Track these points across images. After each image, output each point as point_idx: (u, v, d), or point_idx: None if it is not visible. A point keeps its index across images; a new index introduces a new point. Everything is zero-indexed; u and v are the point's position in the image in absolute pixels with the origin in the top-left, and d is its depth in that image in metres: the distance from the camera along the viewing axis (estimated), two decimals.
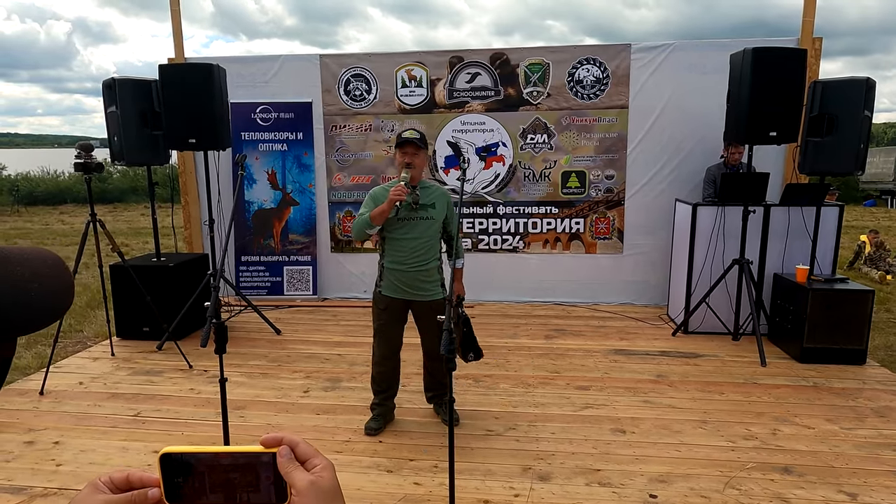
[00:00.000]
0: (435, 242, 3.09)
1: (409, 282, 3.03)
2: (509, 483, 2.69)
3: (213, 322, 2.12)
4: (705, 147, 5.28)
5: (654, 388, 3.72)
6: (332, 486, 0.53)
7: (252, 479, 0.53)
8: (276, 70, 5.72)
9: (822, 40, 5.03)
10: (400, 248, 3.01)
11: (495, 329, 4.99)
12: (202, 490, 0.52)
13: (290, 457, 0.53)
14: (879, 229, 10.02)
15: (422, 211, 3.01)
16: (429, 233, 3.03)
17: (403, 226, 3.00)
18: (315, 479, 0.52)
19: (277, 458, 0.53)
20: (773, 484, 2.66)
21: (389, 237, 3.03)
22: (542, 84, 5.50)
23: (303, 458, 0.54)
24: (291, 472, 0.52)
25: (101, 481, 0.53)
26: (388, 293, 3.07)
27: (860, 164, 4.08)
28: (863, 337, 4.07)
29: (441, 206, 3.07)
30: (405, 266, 3.01)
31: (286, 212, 5.91)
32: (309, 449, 0.55)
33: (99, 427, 3.28)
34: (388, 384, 3.22)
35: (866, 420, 3.27)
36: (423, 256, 3.02)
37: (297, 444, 0.54)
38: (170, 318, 4.52)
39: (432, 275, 3.08)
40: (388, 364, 3.18)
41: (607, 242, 5.66)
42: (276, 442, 0.54)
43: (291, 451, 0.54)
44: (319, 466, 0.54)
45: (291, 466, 0.53)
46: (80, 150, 3.92)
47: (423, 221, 3.02)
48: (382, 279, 3.09)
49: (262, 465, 0.53)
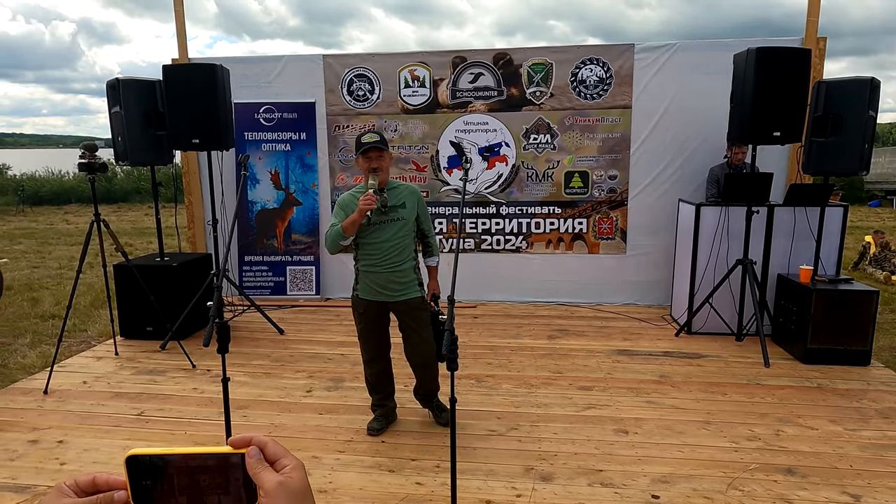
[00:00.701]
0: (409, 242, 3.05)
1: (384, 283, 3.00)
2: (511, 483, 2.69)
3: (215, 322, 2.12)
4: (709, 147, 5.27)
5: (657, 389, 3.72)
6: (301, 487, 0.52)
7: (221, 480, 0.52)
8: (279, 70, 5.73)
9: (826, 40, 5.02)
10: (373, 250, 2.99)
11: (498, 329, 4.98)
12: (171, 492, 0.51)
13: (258, 457, 0.52)
14: (884, 230, 9.97)
15: (392, 212, 2.97)
16: (401, 233, 3.00)
17: (375, 230, 2.97)
18: (284, 479, 0.51)
19: (246, 458, 0.52)
20: (776, 485, 2.65)
21: (362, 241, 3.01)
22: (545, 84, 5.49)
23: (272, 458, 0.53)
24: (260, 473, 0.51)
25: (67, 485, 0.52)
26: (364, 296, 3.06)
27: (865, 165, 4.06)
28: (867, 338, 4.05)
29: (411, 204, 3.03)
30: (379, 268, 2.99)
31: (289, 212, 5.92)
32: (278, 449, 0.54)
33: (102, 426, 3.29)
34: (382, 385, 3.21)
35: (870, 421, 3.26)
36: (396, 257, 2.99)
37: (266, 445, 0.53)
38: (173, 317, 4.53)
39: (407, 275, 3.04)
40: (377, 366, 3.17)
41: (610, 243, 5.65)
42: (245, 443, 0.53)
43: (260, 452, 0.53)
44: (289, 467, 0.53)
45: (260, 467, 0.52)
46: (84, 150, 3.93)
47: (394, 223, 2.98)
48: (358, 282, 3.08)
49: (232, 467, 0.52)
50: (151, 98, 4.59)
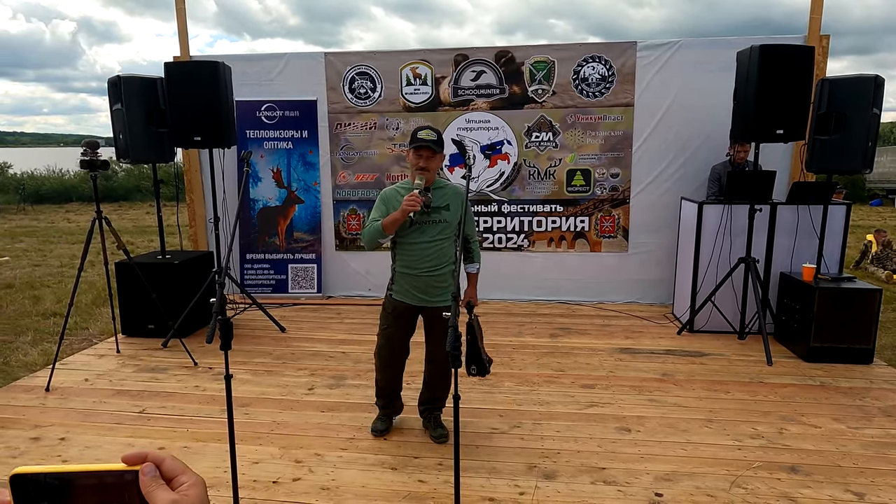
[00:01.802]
0: (449, 245, 2.90)
1: (422, 286, 2.89)
2: (514, 481, 2.69)
3: (218, 318, 2.12)
4: (711, 145, 5.26)
5: (660, 387, 3.71)
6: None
7: (117, 499, 0.49)
8: (280, 68, 5.73)
9: (829, 38, 5.00)
10: (411, 251, 2.87)
11: (500, 328, 4.98)
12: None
13: (153, 474, 0.50)
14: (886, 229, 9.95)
15: (434, 214, 2.84)
16: (442, 236, 2.87)
17: (416, 229, 2.85)
18: (178, 497, 0.49)
19: (140, 476, 0.49)
20: (779, 483, 2.65)
21: (401, 242, 2.89)
22: (547, 82, 5.48)
23: (169, 475, 0.51)
24: (153, 492, 0.49)
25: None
26: (399, 297, 2.94)
27: (868, 163, 4.05)
28: (870, 336, 4.04)
29: (455, 206, 2.90)
30: (417, 270, 2.87)
31: (291, 210, 5.92)
32: (177, 465, 0.51)
33: (104, 423, 3.29)
34: (391, 389, 3.14)
35: (874, 419, 3.25)
36: (435, 260, 2.86)
37: (164, 461, 0.51)
38: (175, 315, 4.52)
39: (446, 279, 2.91)
40: (393, 372, 3.08)
41: (612, 241, 5.64)
42: (140, 459, 0.50)
43: (156, 469, 0.50)
44: (186, 484, 0.50)
45: (154, 485, 0.49)
46: (85, 148, 3.93)
47: (436, 225, 2.86)
48: (394, 283, 2.96)
49: (128, 485, 0.49)
50: (153, 95, 4.59)
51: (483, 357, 2.76)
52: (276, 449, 3.00)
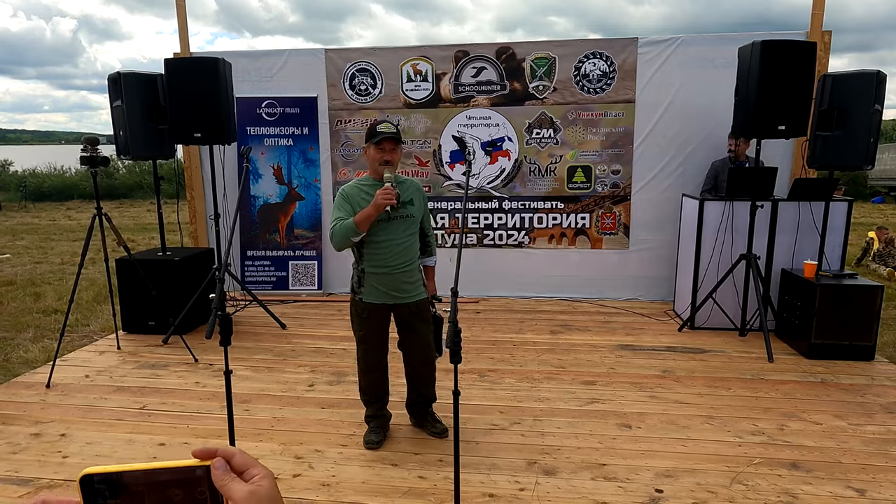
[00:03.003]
0: (416, 240, 2.91)
1: (393, 284, 2.84)
2: (514, 477, 2.68)
3: (218, 314, 2.11)
4: (713, 142, 5.24)
5: (661, 384, 3.71)
6: (271, 495, 0.51)
7: (190, 494, 0.50)
8: (281, 65, 5.72)
9: (831, 34, 4.98)
10: (382, 250, 2.81)
11: (500, 324, 4.97)
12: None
13: (225, 468, 0.51)
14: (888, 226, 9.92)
15: (402, 209, 2.81)
16: (410, 230, 2.86)
17: (385, 226, 2.79)
18: (254, 488, 0.51)
19: (212, 470, 0.51)
20: (780, 479, 2.64)
21: (369, 240, 2.81)
22: (547, 78, 5.47)
23: (240, 469, 0.52)
24: (228, 484, 0.50)
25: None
26: (370, 300, 2.87)
27: (870, 159, 4.04)
28: (871, 333, 4.03)
29: (418, 201, 2.90)
30: (388, 268, 2.82)
31: (291, 206, 5.91)
32: (246, 459, 0.53)
33: (105, 420, 3.29)
34: (379, 394, 3.06)
35: (875, 416, 3.25)
36: (406, 256, 2.85)
37: (233, 456, 0.52)
38: (175, 312, 4.53)
39: (415, 275, 2.91)
40: (377, 373, 3.02)
41: (613, 238, 5.63)
42: (210, 454, 0.52)
43: (227, 463, 0.51)
44: (258, 476, 0.52)
45: (227, 478, 0.51)
46: (86, 144, 3.92)
47: (404, 220, 2.83)
48: (362, 285, 2.88)
49: (197, 480, 0.51)
50: (153, 92, 4.58)
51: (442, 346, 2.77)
52: (277, 445, 3.00)
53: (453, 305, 2.12)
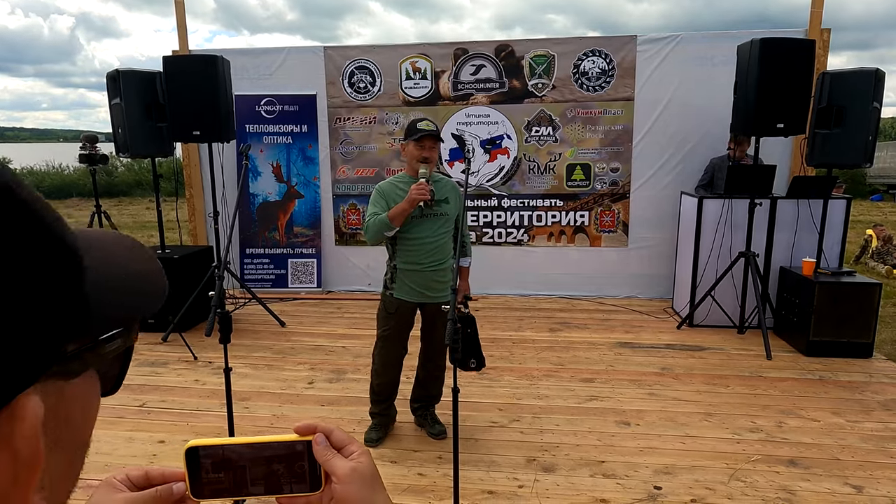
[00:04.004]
0: (449, 239, 2.90)
1: (425, 283, 2.84)
2: (514, 474, 2.69)
3: (217, 311, 2.12)
4: (711, 140, 5.24)
5: (659, 381, 3.71)
6: (372, 471, 0.53)
7: (292, 468, 0.53)
8: (280, 62, 5.71)
9: (830, 31, 4.99)
10: (415, 247, 2.81)
11: (500, 322, 4.98)
12: (242, 482, 0.52)
13: (326, 444, 0.53)
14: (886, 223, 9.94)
15: (436, 207, 2.81)
16: (444, 229, 2.85)
17: (418, 223, 2.80)
18: (356, 465, 0.52)
19: (313, 446, 0.53)
20: (778, 476, 2.65)
21: (402, 237, 2.82)
22: (547, 76, 5.47)
23: (338, 445, 0.54)
24: (331, 460, 0.52)
25: (118, 479, 0.51)
26: (400, 296, 2.87)
27: (868, 157, 4.04)
28: (870, 330, 4.04)
29: (454, 200, 2.90)
30: (421, 266, 2.81)
31: (291, 204, 5.91)
32: (344, 436, 0.54)
33: (105, 418, 3.29)
34: (388, 393, 3.05)
35: (873, 413, 3.26)
36: (439, 255, 2.84)
37: (332, 432, 0.54)
38: (175, 310, 4.53)
39: (447, 274, 2.88)
40: (392, 374, 3.00)
41: (612, 236, 5.64)
42: (311, 430, 0.54)
43: (326, 439, 0.53)
44: (357, 452, 0.54)
45: (329, 454, 0.52)
46: (84, 142, 3.93)
47: (438, 218, 2.83)
48: (395, 281, 2.88)
49: (298, 455, 0.53)
50: (152, 90, 4.58)
51: (481, 351, 2.73)
52: None
53: (452, 303, 2.13)
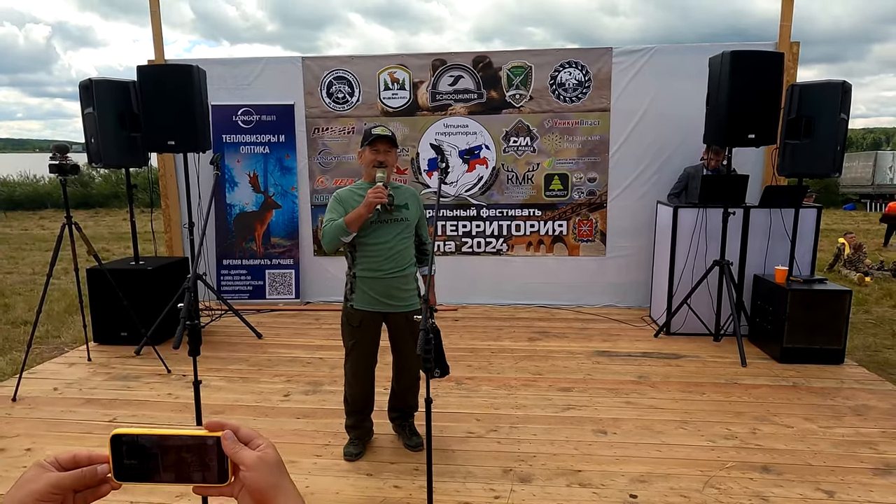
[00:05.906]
0: (411, 245, 2.89)
1: (386, 290, 2.80)
2: (490, 485, 2.68)
3: (186, 323, 2.08)
4: (687, 150, 5.32)
5: (636, 389, 3.73)
6: (277, 460, 0.59)
7: (201, 459, 0.57)
8: (258, 72, 5.69)
9: (799, 45, 5.10)
10: (374, 253, 2.78)
11: (479, 332, 4.97)
12: (156, 469, 0.57)
13: (234, 439, 0.58)
14: (857, 232, 10.16)
15: (396, 212, 2.79)
16: (403, 235, 2.83)
17: (377, 229, 2.77)
18: (262, 454, 0.58)
19: (222, 440, 0.58)
20: (752, 483, 2.67)
21: (361, 243, 2.78)
22: (524, 87, 5.51)
23: (245, 440, 0.59)
24: (239, 452, 0.58)
25: (47, 461, 0.55)
26: (361, 306, 2.82)
27: (837, 167, 4.13)
28: (841, 337, 4.11)
29: (414, 206, 2.88)
30: (381, 272, 2.78)
31: (268, 215, 5.86)
32: (250, 432, 0.60)
33: (72, 433, 3.21)
34: (363, 404, 2.99)
35: (844, 418, 3.30)
36: (399, 261, 2.80)
37: (239, 429, 0.59)
38: (148, 322, 4.45)
39: (409, 281, 2.86)
40: (364, 385, 2.95)
41: (590, 245, 5.68)
42: (219, 427, 0.59)
43: (234, 434, 0.59)
44: (262, 445, 0.59)
45: (237, 447, 0.58)
46: (55, 152, 3.85)
47: (397, 223, 2.80)
48: (354, 291, 2.84)
49: (208, 448, 0.58)
50: (126, 99, 4.51)
51: (445, 359, 2.68)
52: None
53: (424, 313, 2.12)
